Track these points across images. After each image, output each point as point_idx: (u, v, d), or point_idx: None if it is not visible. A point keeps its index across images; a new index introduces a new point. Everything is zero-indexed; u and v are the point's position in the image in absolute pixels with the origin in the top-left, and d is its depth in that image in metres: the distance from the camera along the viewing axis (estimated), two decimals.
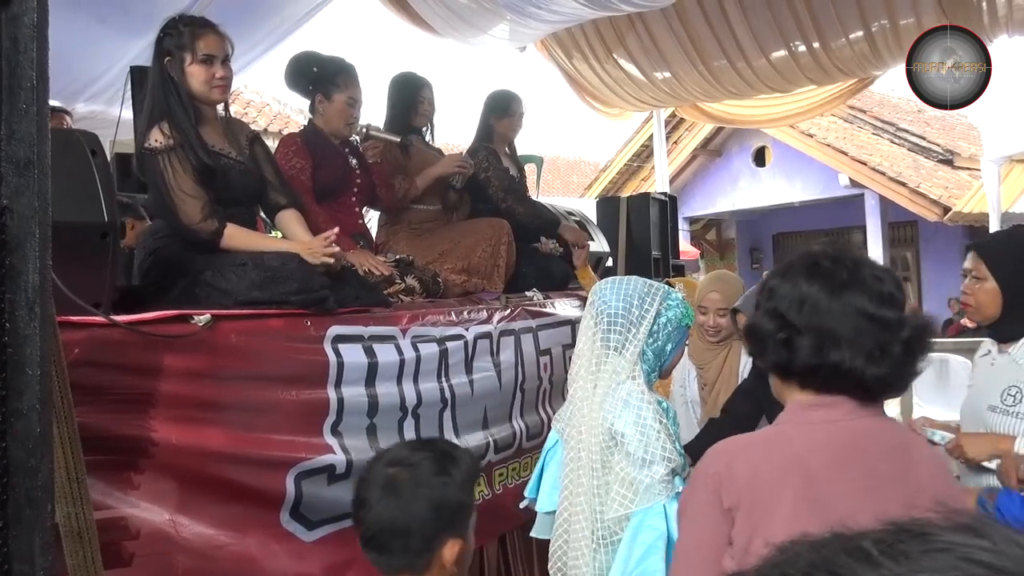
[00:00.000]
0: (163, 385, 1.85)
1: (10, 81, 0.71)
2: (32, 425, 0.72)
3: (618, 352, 1.91)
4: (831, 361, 1.19)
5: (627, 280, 2.01)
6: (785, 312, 1.23)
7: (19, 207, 0.72)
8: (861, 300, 1.20)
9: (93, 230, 1.86)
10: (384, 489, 1.32)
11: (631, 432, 1.81)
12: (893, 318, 1.20)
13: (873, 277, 1.22)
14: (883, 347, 1.19)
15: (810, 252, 1.30)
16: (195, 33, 2.26)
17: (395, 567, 1.32)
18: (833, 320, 1.20)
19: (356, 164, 3.07)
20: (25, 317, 0.72)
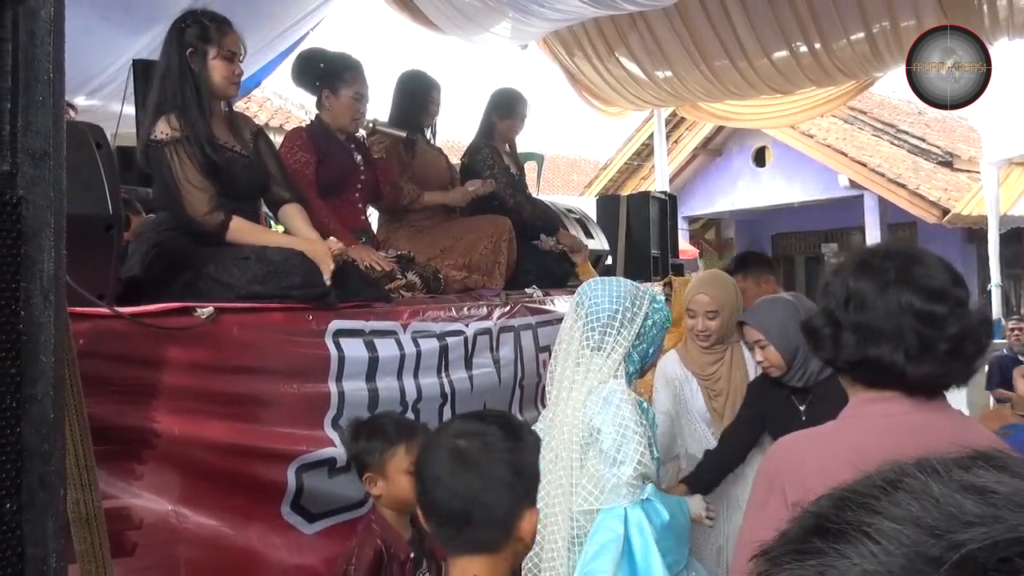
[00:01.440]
0: (166, 377, 1.87)
1: (27, 74, 0.73)
2: (46, 411, 0.73)
3: (602, 352, 1.94)
4: (871, 356, 1.19)
5: (615, 282, 2.05)
6: (834, 309, 1.24)
7: (35, 197, 0.73)
8: (908, 296, 1.18)
9: (98, 222, 1.88)
10: (457, 462, 1.22)
11: (608, 429, 1.85)
12: (940, 313, 1.17)
13: (924, 273, 1.20)
14: (927, 344, 1.17)
15: (865, 249, 1.31)
16: (221, 29, 2.31)
17: (476, 544, 1.20)
18: (877, 316, 1.19)
19: (360, 160, 3.08)
20: (40, 305, 0.73)
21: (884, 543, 0.30)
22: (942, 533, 0.30)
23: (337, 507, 2.20)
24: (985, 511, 0.30)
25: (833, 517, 0.33)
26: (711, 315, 2.67)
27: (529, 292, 3.27)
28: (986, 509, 0.30)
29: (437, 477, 1.22)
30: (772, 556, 0.34)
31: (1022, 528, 0.29)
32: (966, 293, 1.22)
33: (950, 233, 10.92)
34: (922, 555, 0.29)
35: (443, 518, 1.22)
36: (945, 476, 0.32)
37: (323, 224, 2.65)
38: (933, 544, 0.29)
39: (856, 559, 0.30)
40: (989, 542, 0.28)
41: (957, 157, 11.31)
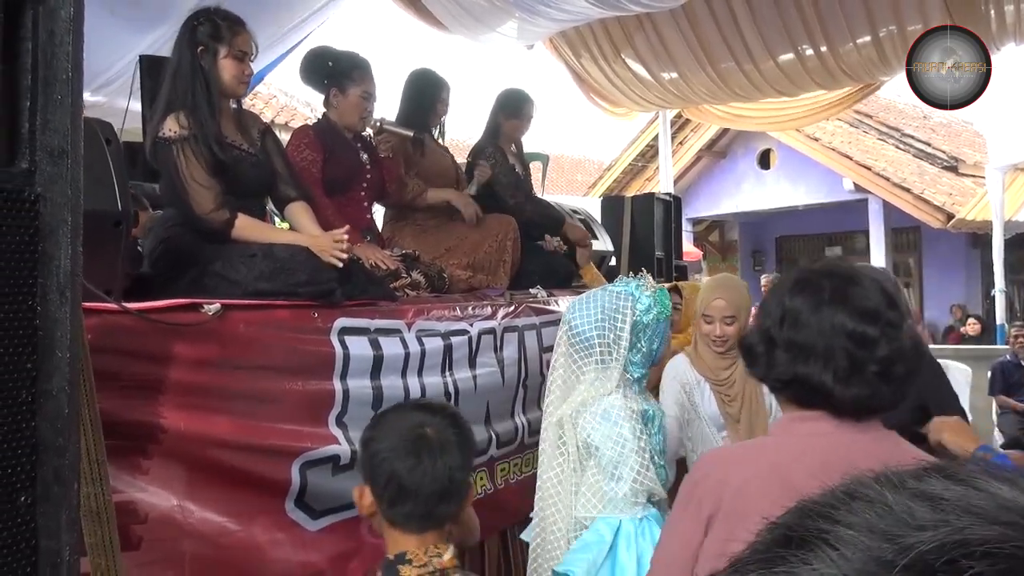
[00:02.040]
0: (172, 373, 1.88)
1: (46, 73, 0.74)
2: (61, 406, 0.74)
3: (601, 367, 1.99)
4: (800, 374, 1.19)
5: (592, 298, 2.08)
6: (768, 327, 1.25)
7: (52, 195, 0.74)
8: (841, 315, 1.18)
9: (106, 218, 1.89)
10: (426, 449, 1.35)
11: (606, 446, 1.91)
12: (872, 335, 1.17)
13: (860, 294, 1.20)
14: (856, 365, 1.16)
15: (804, 267, 1.32)
16: (232, 28, 2.31)
17: (437, 520, 1.36)
18: (809, 335, 1.19)
19: (367, 159, 3.09)
20: (56, 301, 0.74)
21: (842, 549, 0.32)
22: (894, 537, 0.32)
23: (341, 504, 2.21)
24: (934, 516, 0.32)
25: (796, 526, 0.35)
26: (728, 320, 2.61)
27: (533, 292, 3.28)
28: (935, 515, 0.32)
29: (412, 465, 1.34)
30: (740, 566, 0.37)
31: (966, 530, 0.31)
32: (900, 316, 1.21)
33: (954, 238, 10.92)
34: (876, 559, 0.31)
35: (421, 500, 1.34)
36: (899, 486, 0.35)
37: (329, 223, 2.66)
38: (886, 548, 0.31)
39: (816, 564, 0.33)
40: (936, 544, 0.31)
41: (962, 162, 11.31)
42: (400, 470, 1.34)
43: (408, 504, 1.35)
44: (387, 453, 1.36)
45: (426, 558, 1.32)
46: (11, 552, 0.70)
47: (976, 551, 0.30)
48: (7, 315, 0.71)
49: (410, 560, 1.32)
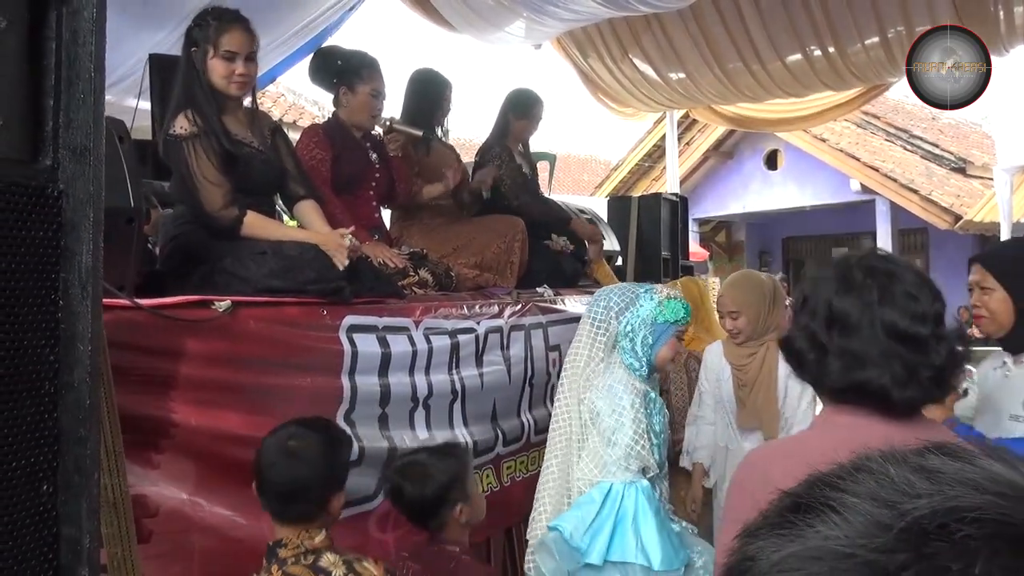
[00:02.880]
0: (183, 368, 1.90)
1: (69, 72, 0.75)
2: (82, 397, 0.76)
3: (603, 347, 2.28)
4: (858, 380, 1.18)
5: (612, 288, 2.39)
6: (817, 331, 1.22)
7: (75, 192, 0.76)
8: (892, 316, 1.17)
9: (119, 215, 1.91)
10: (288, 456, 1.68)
11: (605, 413, 2.18)
12: (924, 336, 1.17)
13: (906, 294, 1.18)
14: (912, 370, 1.16)
15: (844, 260, 1.28)
16: (220, 28, 2.31)
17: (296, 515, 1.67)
18: (862, 341, 1.18)
19: (376, 159, 3.10)
20: (78, 295, 0.76)
21: (845, 514, 0.36)
22: (893, 504, 0.35)
23: (348, 501, 2.22)
24: (931, 487, 0.35)
25: (804, 495, 0.39)
26: (733, 315, 2.90)
27: (540, 291, 3.29)
28: (932, 486, 0.35)
29: (271, 465, 1.68)
30: (752, 531, 0.41)
31: (958, 499, 0.34)
32: (943, 306, 1.22)
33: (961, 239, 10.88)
34: (876, 523, 0.35)
35: (276, 496, 1.67)
36: (902, 461, 0.39)
37: (338, 221, 2.67)
38: (885, 513, 0.35)
39: (820, 528, 0.36)
40: (930, 511, 0.34)
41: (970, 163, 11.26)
42: (264, 471, 1.68)
43: (267, 500, 1.68)
44: (261, 457, 1.70)
45: (298, 541, 1.63)
46: (34, 539, 0.72)
47: (966, 516, 0.33)
48: (31, 309, 0.73)
49: (285, 544, 1.63)
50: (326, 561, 1.62)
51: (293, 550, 1.63)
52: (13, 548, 0.71)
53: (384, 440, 2.36)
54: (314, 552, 1.63)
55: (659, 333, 2.28)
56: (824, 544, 0.35)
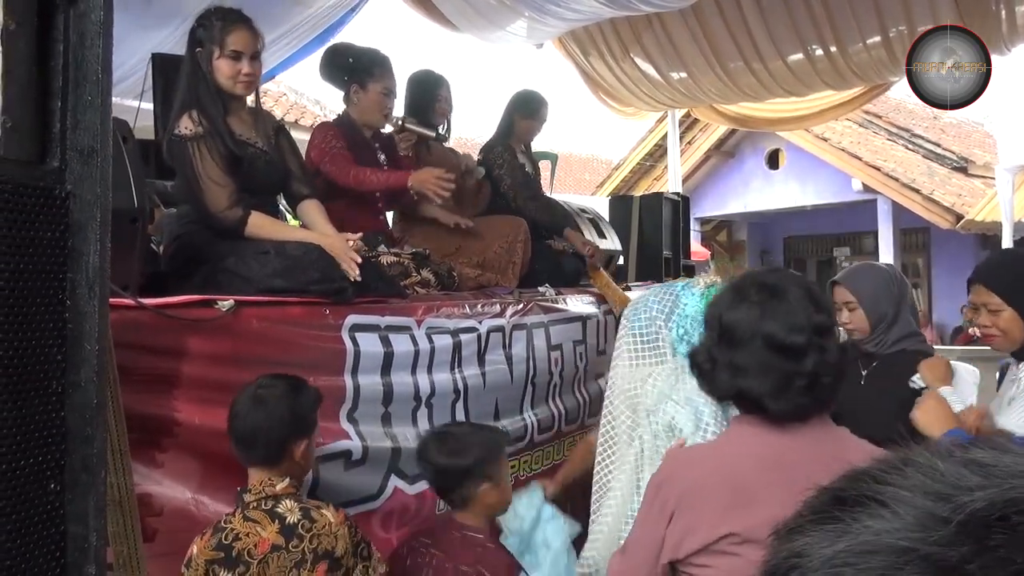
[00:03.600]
0: (187, 367, 1.91)
1: (76, 74, 0.76)
2: (89, 396, 0.77)
3: (663, 359, 2.05)
4: (739, 388, 1.30)
5: (645, 297, 2.14)
6: (710, 345, 1.35)
7: (82, 193, 0.77)
8: (771, 328, 1.27)
9: (123, 215, 1.91)
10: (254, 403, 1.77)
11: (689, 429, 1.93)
12: (800, 345, 1.26)
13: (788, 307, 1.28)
14: (787, 380, 1.26)
15: (742, 276, 1.40)
16: (226, 28, 2.32)
17: (260, 458, 1.76)
18: (744, 353, 1.29)
19: (384, 160, 3.10)
20: (85, 295, 0.77)
21: (894, 507, 0.35)
22: (948, 496, 0.34)
23: (352, 499, 2.23)
24: (983, 480, 0.35)
25: (847, 488, 0.38)
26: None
27: (542, 291, 3.30)
28: (984, 479, 0.35)
29: (237, 413, 1.77)
30: (794, 527, 0.39)
31: (1015, 490, 0.34)
32: (828, 318, 1.31)
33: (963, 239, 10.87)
34: (933, 516, 0.34)
35: (239, 439, 1.77)
36: (947, 455, 0.38)
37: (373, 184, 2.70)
38: (941, 506, 0.34)
39: (869, 522, 0.35)
40: (988, 503, 0.33)
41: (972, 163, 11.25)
42: (231, 418, 1.78)
43: (234, 444, 1.78)
44: (232, 406, 1.79)
45: (260, 487, 1.72)
46: (41, 537, 0.73)
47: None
48: (38, 309, 0.73)
49: (250, 489, 1.73)
50: (283, 507, 1.70)
51: (256, 496, 1.72)
52: (21, 546, 0.72)
53: (387, 439, 2.37)
54: (274, 498, 1.71)
55: None
56: (878, 539, 0.34)
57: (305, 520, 1.69)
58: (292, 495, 1.73)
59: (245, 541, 1.66)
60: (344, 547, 1.71)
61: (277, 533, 1.67)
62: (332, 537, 1.69)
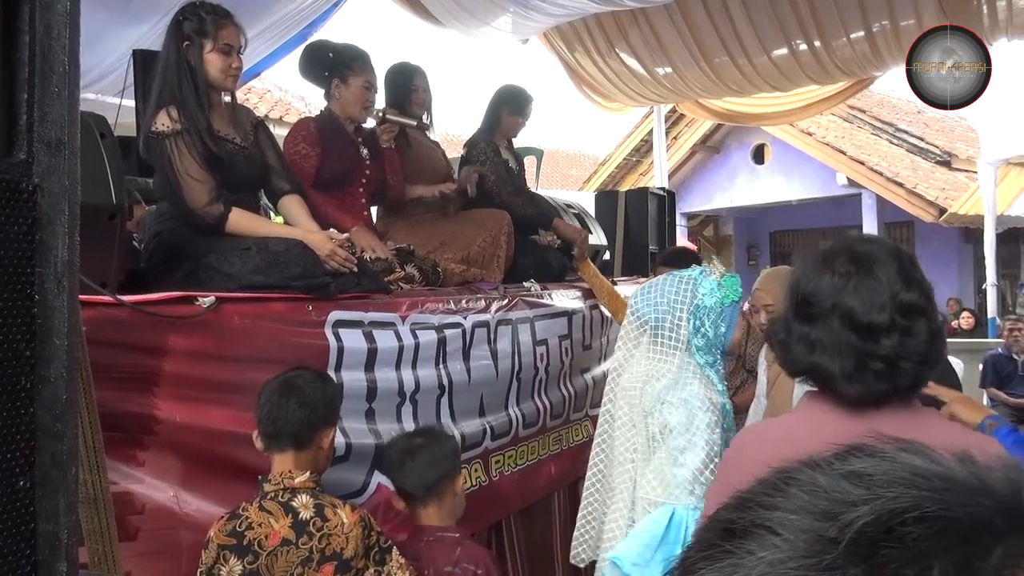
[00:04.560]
0: (167, 365, 1.89)
1: (43, 66, 0.75)
2: (59, 392, 0.76)
3: (673, 354, 2.01)
4: (815, 364, 1.19)
5: (656, 285, 2.09)
6: (788, 315, 1.24)
7: (50, 186, 0.76)
8: (853, 303, 1.16)
9: (101, 211, 1.90)
10: (283, 390, 1.80)
11: (679, 430, 1.94)
12: (881, 325, 1.15)
13: (876, 281, 1.17)
14: (861, 362, 1.15)
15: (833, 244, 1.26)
16: (218, 22, 2.31)
17: (288, 443, 1.77)
18: (819, 328, 1.18)
19: (367, 154, 3.08)
20: (54, 289, 0.76)
21: (783, 533, 0.34)
22: (834, 515, 0.33)
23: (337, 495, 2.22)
24: (866, 492, 0.34)
25: (736, 519, 0.37)
26: (769, 309, 2.74)
27: (527, 286, 3.30)
28: (865, 491, 0.34)
29: (270, 398, 1.79)
30: (685, 567, 0.37)
31: (896, 500, 0.33)
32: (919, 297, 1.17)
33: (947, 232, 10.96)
34: (821, 538, 0.33)
35: (270, 423, 1.77)
36: (827, 468, 0.37)
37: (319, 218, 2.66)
38: (829, 527, 0.33)
39: (761, 552, 0.34)
40: (873, 516, 0.32)
41: (955, 156, 11.35)
42: (259, 405, 1.79)
43: (261, 431, 1.79)
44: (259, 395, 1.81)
45: (280, 478, 1.73)
46: (11, 535, 0.72)
47: (909, 518, 0.32)
48: (6, 304, 0.72)
49: (270, 479, 1.74)
50: (299, 502, 1.70)
51: (274, 486, 1.72)
52: None
53: (371, 435, 2.36)
54: (292, 491, 1.71)
55: (729, 317, 2.07)
56: (771, 570, 0.33)
57: (317, 518, 1.69)
58: (310, 490, 1.74)
59: (257, 531, 1.67)
60: (354, 549, 1.70)
61: (289, 527, 1.67)
62: (343, 538, 1.69)
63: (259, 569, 1.65)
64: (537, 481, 3.15)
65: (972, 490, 0.33)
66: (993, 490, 0.33)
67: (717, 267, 2.16)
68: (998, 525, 0.32)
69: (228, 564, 1.66)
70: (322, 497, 1.74)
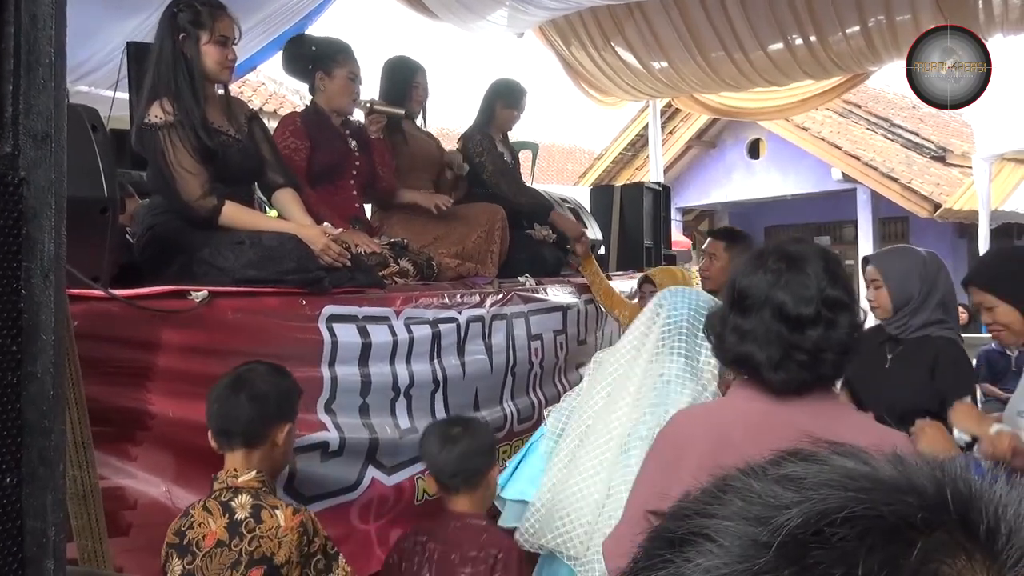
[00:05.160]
0: (160, 359, 1.88)
1: (28, 57, 0.74)
2: (46, 388, 0.75)
3: (691, 358, 1.94)
4: (742, 353, 1.28)
5: (695, 292, 2.07)
6: (724, 309, 1.33)
7: (36, 179, 0.74)
8: (783, 298, 1.25)
9: (93, 205, 1.88)
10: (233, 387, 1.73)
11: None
12: (807, 317, 1.23)
13: (804, 277, 1.26)
14: (787, 352, 1.24)
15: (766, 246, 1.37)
16: (214, 14, 2.30)
17: (240, 440, 1.72)
18: (752, 320, 1.27)
19: (356, 146, 3.07)
20: (40, 284, 0.74)
21: (720, 540, 0.34)
22: (766, 520, 0.34)
23: (329, 491, 2.22)
24: (796, 495, 0.35)
25: (675, 528, 0.37)
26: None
27: (522, 280, 3.29)
28: (797, 494, 0.35)
29: (218, 395, 1.73)
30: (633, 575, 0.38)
31: (825, 502, 0.34)
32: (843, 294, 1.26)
33: (941, 227, 10.97)
34: (755, 543, 0.34)
35: (221, 420, 1.72)
36: (761, 474, 0.38)
37: (313, 212, 2.64)
38: (761, 531, 0.34)
39: (698, 559, 0.34)
40: (803, 519, 0.33)
41: (950, 152, 11.35)
42: (208, 404, 1.74)
43: (211, 430, 1.74)
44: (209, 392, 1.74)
45: (225, 477, 1.69)
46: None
47: (836, 519, 0.33)
48: None
49: (217, 477, 1.70)
50: (238, 502, 1.65)
51: (220, 484, 1.68)
52: None
53: (365, 430, 2.35)
54: (234, 490, 1.66)
55: None
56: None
57: (251, 519, 1.61)
58: (253, 490, 1.66)
59: (196, 531, 1.63)
60: (287, 555, 1.60)
61: (224, 528, 1.61)
62: (275, 542, 1.59)
63: (195, 570, 1.60)
64: None
65: (898, 489, 0.34)
66: (919, 488, 0.34)
67: None
68: (921, 522, 0.33)
69: (172, 563, 1.62)
70: (264, 498, 1.66)
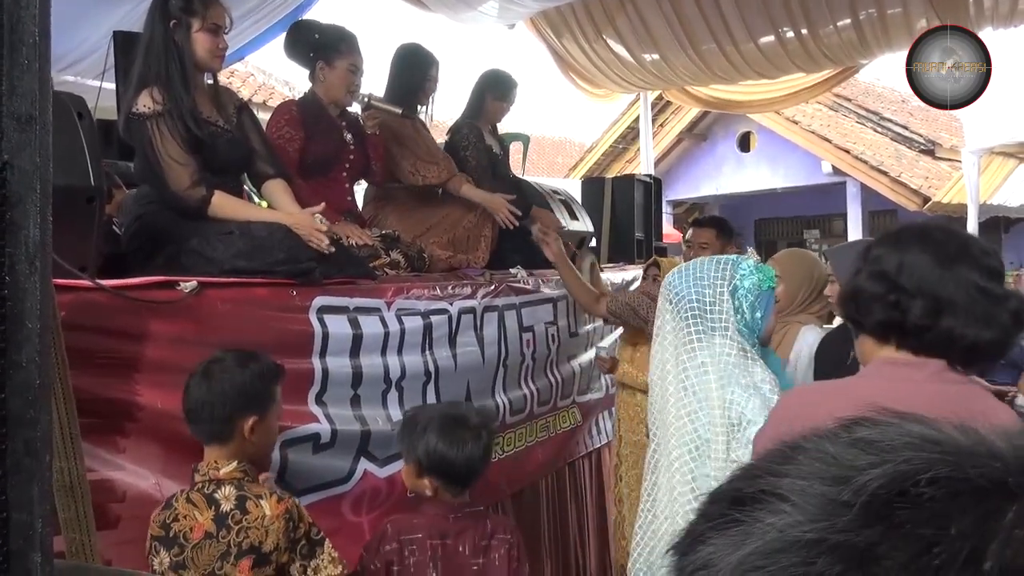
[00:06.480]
0: (149, 350, 1.86)
1: (12, 37, 0.72)
2: (31, 377, 0.73)
3: (712, 336, 1.89)
4: (944, 326, 1.23)
5: (694, 265, 2.01)
6: (895, 276, 1.26)
7: (20, 163, 0.72)
8: (972, 273, 1.24)
9: (79, 193, 1.86)
10: (201, 377, 1.72)
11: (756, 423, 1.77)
12: (1000, 292, 1.25)
13: (981, 252, 1.27)
14: (991, 317, 1.23)
15: (920, 224, 1.35)
16: (206, 2, 2.28)
17: (208, 434, 1.72)
18: (947, 288, 1.23)
19: (351, 139, 3.03)
20: (25, 271, 0.73)
21: (795, 499, 0.34)
22: (846, 480, 0.34)
23: (321, 483, 2.21)
24: (875, 458, 0.34)
25: (746, 488, 0.37)
26: None
27: (513, 272, 3.28)
28: (875, 456, 0.35)
29: (188, 387, 1.72)
30: (694, 537, 0.37)
31: (907, 463, 0.33)
32: None
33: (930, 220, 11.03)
34: (833, 501, 0.33)
35: (188, 414, 1.73)
36: (834, 437, 0.37)
37: (306, 203, 2.62)
38: (841, 491, 0.33)
39: (772, 519, 0.34)
40: (886, 479, 0.33)
41: (939, 145, 11.41)
42: (184, 394, 1.73)
43: (186, 420, 1.74)
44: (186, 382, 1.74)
45: (206, 469, 1.69)
46: None
47: (921, 479, 0.33)
48: None
49: (198, 469, 1.70)
50: (221, 494, 1.65)
51: (201, 477, 1.68)
52: None
53: (357, 422, 2.34)
54: (217, 483, 1.67)
55: (765, 303, 1.97)
56: (784, 535, 0.33)
57: (237, 511, 1.63)
58: (236, 481, 1.67)
59: (183, 523, 1.64)
60: (274, 542, 1.63)
61: (211, 521, 1.63)
62: (262, 531, 1.62)
63: (185, 562, 1.62)
64: (525, 468, 3.15)
65: (981, 454, 0.34)
66: (1002, 454, 0.34)
67: (751, 255, 2.15)
68: (1011, 486, 0.32)
69: (159, 556, 1.63)
70: (248, 488, 1.67)
